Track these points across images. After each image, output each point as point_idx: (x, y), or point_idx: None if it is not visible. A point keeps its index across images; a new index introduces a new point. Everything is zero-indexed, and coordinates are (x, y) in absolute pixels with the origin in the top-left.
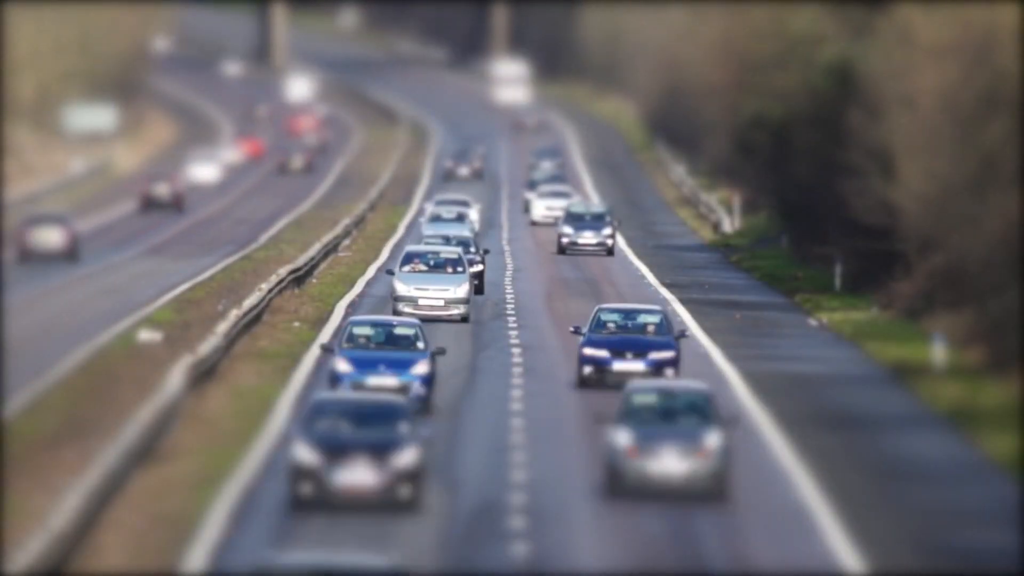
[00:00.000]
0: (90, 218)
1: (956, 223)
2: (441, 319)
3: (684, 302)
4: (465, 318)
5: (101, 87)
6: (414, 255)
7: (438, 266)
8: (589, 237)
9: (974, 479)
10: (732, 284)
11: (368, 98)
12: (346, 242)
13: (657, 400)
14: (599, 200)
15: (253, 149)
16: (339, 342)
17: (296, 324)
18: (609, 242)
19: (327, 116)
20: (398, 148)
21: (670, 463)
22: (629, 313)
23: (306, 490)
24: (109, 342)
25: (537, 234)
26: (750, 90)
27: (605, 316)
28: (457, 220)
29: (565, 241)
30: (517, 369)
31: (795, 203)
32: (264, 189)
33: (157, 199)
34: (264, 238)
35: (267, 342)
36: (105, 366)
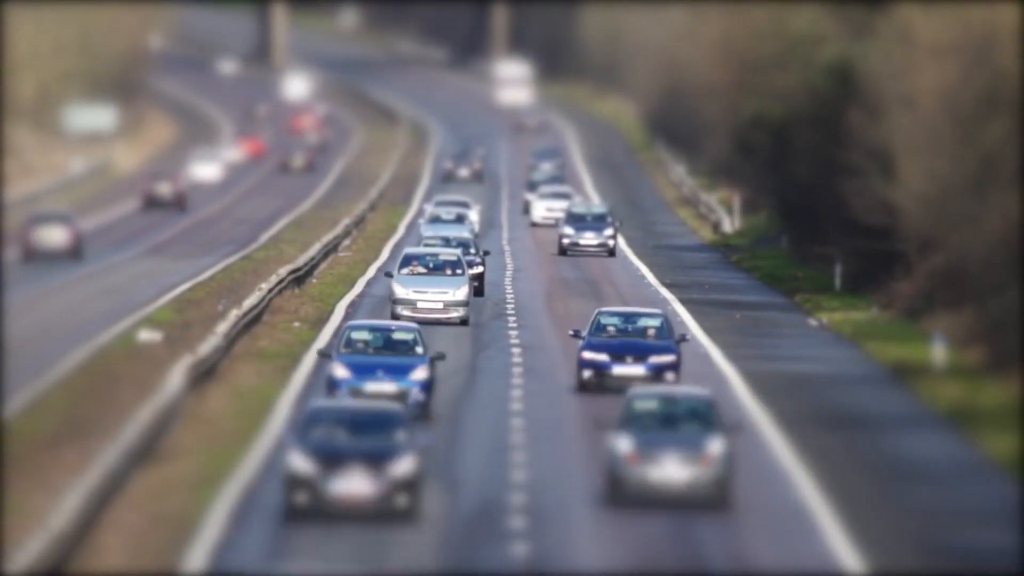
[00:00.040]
0: (91, 217)
1: (956, 223)
2: (440, 322)
3: (684, 302)
4: (464, 321)
5: (101, 87)
6: (412, 257)
7: (437, 268)
8: (590, 238)
9: (974, 479)
10: (732, 284)
11: (368, 98)
12: (346, 242)
13: (659, 406)
14: (599, 200)
15: (254, 148)
16: (337, 347)
17: (296, 324)
18: (611, 243)
19: (326, 115)
20: (398, 148)
21: (672, 470)
22: (629, 316)
23: (301, 499)
24: (109, 342)
25: (537, 234)
26: (750, 90)
27: (605, 320)
28: (456, 221)
29: (566, 242)
30: (517, 369)
31: (795, 203)
32: (265, 189)
33: (160, 198)
34: (264, 238)
35: (267, 342)
36: (105, 366)
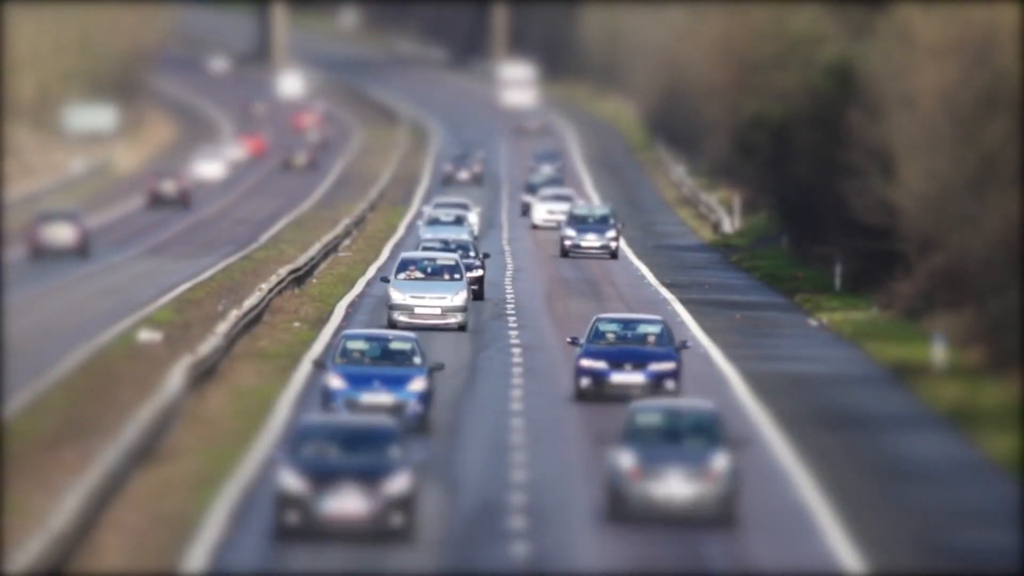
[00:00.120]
0: (94, 216)
1: (956, 223)
2: (438, 328)
3: (684, 302)
4: (463, 326)
5: (101, 87)
6: (410, 262)
7: (435, 273)
8: (592, 240)
9: (974, 479)
10: (732, 284)
11: (368, 98)
12: (346, 242)
13: (662, 420)
14: (599, 201)
15: (256, 146)
16: (332, 357)
17: (296, 324)
18: (613, 245)
19: (325, 112)
20: (398, 148)
21: (675, 486)
22: (628, 323)
23: (292, 519)
24: (109, 342)
25: (537, 234)
26: (750, 90)
27: (603, 326)
28: (456, 223)
29: (568, 244)
30: (517, 369)
31: (795, 203)
32: (265, 188)
33: (164, 196)
34: (264, 238)
35: (267, 342)
36: (105, 366)
